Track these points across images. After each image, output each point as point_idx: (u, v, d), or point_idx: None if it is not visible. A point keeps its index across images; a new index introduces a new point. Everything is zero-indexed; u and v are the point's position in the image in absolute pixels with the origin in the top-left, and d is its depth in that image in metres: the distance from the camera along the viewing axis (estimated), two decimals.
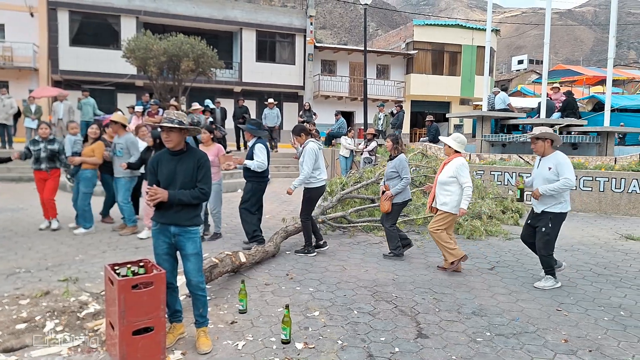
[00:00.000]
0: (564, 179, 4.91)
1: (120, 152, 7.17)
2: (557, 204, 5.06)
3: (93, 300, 4.42)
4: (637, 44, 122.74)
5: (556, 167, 5.00)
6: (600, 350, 3.65)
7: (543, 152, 5.17)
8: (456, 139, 5.68)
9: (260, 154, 6.40)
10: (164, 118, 3.50)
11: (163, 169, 3.54)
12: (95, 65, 20.94)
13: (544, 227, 5.11)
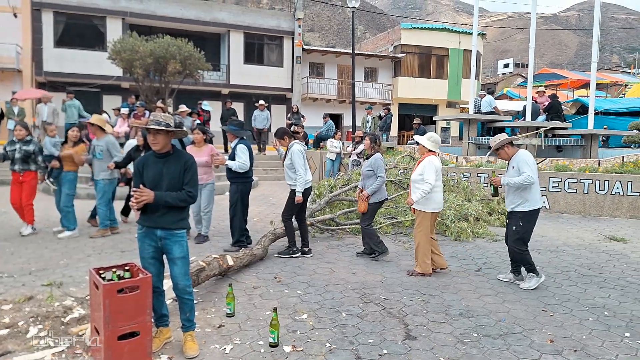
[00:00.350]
0: (524, 174, 5.06)
1: (100, 155, 7.14)
2: (524, 202, 5.18)
3: (78, 305, 4.37)
4: (620, 48, 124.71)
5: (517, 165, 5.17)
6: (585, 350, 3.69)
7: (508, 156, 5.33)
8: (430, 139, 5.73)
9: (242, 154, 6.43)
10: (151, 120, 3.47)
11: (149, 171, 3.51)
12: (80, 67, 20.73)
13: (515, 226, 5.26)
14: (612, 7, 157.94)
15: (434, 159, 5.60)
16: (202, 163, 6.85)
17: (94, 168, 7.28)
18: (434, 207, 5.62)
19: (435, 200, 5.59)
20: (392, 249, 6.85)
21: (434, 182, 5.47)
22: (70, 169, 7.28)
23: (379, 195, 6.24)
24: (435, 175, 5.49)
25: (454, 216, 7.85)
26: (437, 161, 5.63)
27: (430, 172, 5.47)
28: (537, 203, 5.22)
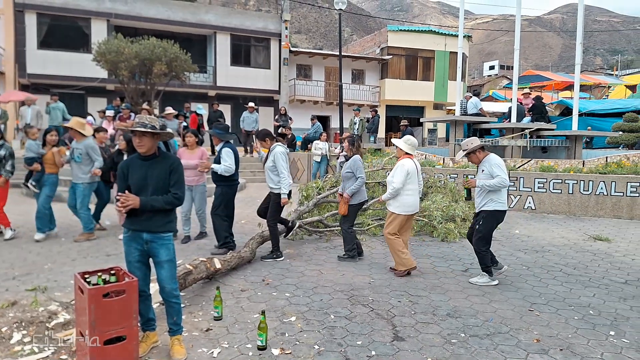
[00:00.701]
0: (499, 177, 5.17)
1: (79, 158, 7.08)
2: (490, 202, 5.32)
3: (63, 309, 4.31)
4: (603, 50, 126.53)
5: (489, 169, 5.28)
6: (571, 349, 3.73)
7: (478, 160, 5.46)
8: (407, 142, 5.79)
9: (227, 158, 6.44)
10: (136, 122, 3.43)
11: (134, 175, 3.47)
12: (64, 69, 20.48)
13: (478, 224, 5.41)
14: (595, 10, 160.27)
15: (406, 162, 5.64)
16: (192, 165, 6.89)
17: (73, 172, 7.22)
18: (405, 209, 5.64)
19: (405, 202, 5.62)
20: (380, 251, 6.88)
21: (399, 185, 5.52)
22: (52, 172, 7.27)
23: (359, 197, 6.27)
24: (404, 177, 5.53)
25: (441, 217, 7.89)
26: (410, 164, 5.65)
27: (398, 175, 5.54)
28: (503, 205, 5.36)
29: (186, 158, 6.99)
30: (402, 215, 5.65)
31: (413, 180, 5.65)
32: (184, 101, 20.87)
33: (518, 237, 7.98)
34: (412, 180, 5.62)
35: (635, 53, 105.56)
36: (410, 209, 5.67)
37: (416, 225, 8.10)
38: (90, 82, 20.52)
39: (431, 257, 6.60)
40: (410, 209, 5.67)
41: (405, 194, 5.59)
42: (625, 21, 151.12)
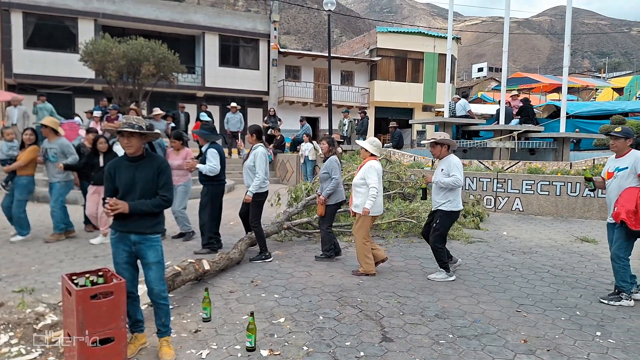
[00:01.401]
0: (454, 177, 5.39)
1: (54, 157, 7.03)
2: (447, 202, 5.51)
3: (50, 311, 4.27)
4: (591, 53, 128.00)
5: (447, 168, 5.48)
6: (558, 350, 3.76)
7: (439, 155, 5.64)
8: (372, 143, 5.87)
9: (212, 158, 6.57)
10: (124, 123, 3.41)
11: (121, 176, 3.45)
12: (51, 69, 20.29)
13: (435, 223, 5.60)
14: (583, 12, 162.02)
15: (374, 163, 5.73)
16: (176, 166, 7.05)
17: (48, 171, 7.15)
18: (375, 210, 5.73)
19: (377, 203, 5.72)
20: None
21: (378, 186, 5.61)
22: (24, 174, 7.08)
23: (336, 197, 6.34)
24: (378, 178, 5.65)
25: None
26: (377, 165, 5.76)
27: (373, 176, 5.62)
28: (459, 205, 5.58)
29: (171, 159, 7.20)
30: (371, 216, 5.76)
31: (380, 181, 5.79)
32: (173, 102, 20.78)
33: (506, 239, 8.04)
34: (380, 181, 5.76)
35: (623, 56, 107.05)
36: (379, 209, 5.82)
37: (405, 227, 8.13)
38: (78, 83, 20.34)
39: (420, 258, 6.62)
40: (379, 209, 5.82)
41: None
42: (612, 24, 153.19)
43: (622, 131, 4.95)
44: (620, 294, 4.92)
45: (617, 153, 5.02)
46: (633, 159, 4.81)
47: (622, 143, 4.94)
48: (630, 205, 4.68)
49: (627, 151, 4.94)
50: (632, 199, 4.70)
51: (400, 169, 10.30)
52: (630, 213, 4.68)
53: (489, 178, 10.86)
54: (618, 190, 4.86)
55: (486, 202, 10.81)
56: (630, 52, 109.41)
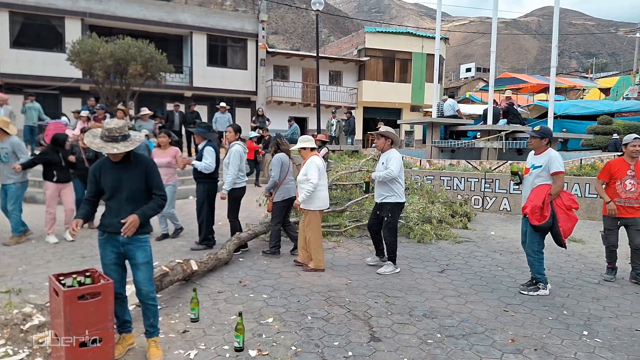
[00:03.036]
0: (388, 169, 5.65)
1: (5, 158, 6.91)
2: (392, 195, 5.75)
3: (37, 312, 4.22)
4: (578, 53, 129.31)
5: (387, 162, 5.72)
6: (545, 349, 3.80)
7: (382, 148, 5.86)
8: (303, 140, 6.08)
9: (208, 156, 6.67)
10: (106, 137, 3.32)
11: (107, 179, 3.42)
12: (38, 68, 20.07)
13: (386, 216, 5.80)
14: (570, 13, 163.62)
15: (315, 159, 5.86)
16: (163, 164, 7.09)
17: (2, 173, 7.00)
18: (319, 204, 5.85)
19: (320, 198, 5.84)
20: (357, 252, 6.91)
21: (317, 181, 5.71)
22: None
23: (282, 194, 6.45)
24: (318, 173, 5.74)
25: (417, 218, 7.97)
26: (318, 160, 5.88)
27: (313, 172, 5.73)
28: (402, 197, 5.85)
29: (158, 157, 7.22)
30: (318, 210, 5.88)
31: (323, 176, 5.89)
32: (160, 102, 20.63)
33: (494, 239, 8.10)
34: (322, 175, 5.86)
35: (610, 56, 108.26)
36: (323, 203, 5.91)
37: None
38: (65, 82, 20.14)
39: (407, 258, 6.65)
40: (323, 203, 5.91)
41: (318, 190, 5.80)
42: (599, 24, 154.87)
43: (539, 131, 5.15)
44: (537, 284, 5.18)
45: (535, 151, 5.21)
46: (547, 158, 5.01)
47: (538, 142, 5.13)
48: (538, 201, 4.90)
49: (543, 150, 5.13)
50: (541, 196, 4.92)
51: None
52: (536, 209, 4.90)
53: (477, 178, 10.93)
54: (531, 187, 5.10)
55: (474, 202, 10.89)
56: (617, 53, 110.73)
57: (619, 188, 5.57)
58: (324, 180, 5.89)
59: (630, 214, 5.54)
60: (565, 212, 4.92)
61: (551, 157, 5.00)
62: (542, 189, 4.97)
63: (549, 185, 4.96)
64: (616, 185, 5.60)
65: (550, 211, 4.88)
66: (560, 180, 4.94)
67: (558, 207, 4.91)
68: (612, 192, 5.63)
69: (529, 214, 4.95)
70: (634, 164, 5.57)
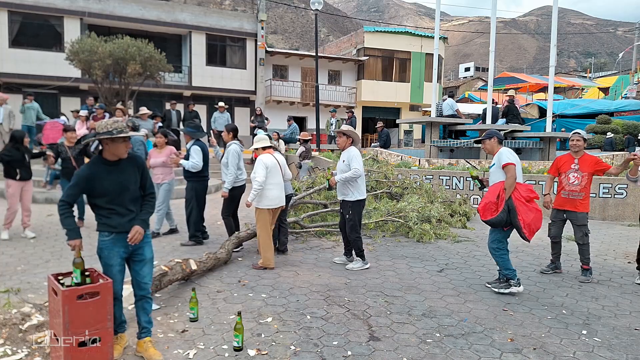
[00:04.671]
0: (353, 169, 5.71)
1: None
2: (352, 193, 5.85)
3: (36, 311, 4.22)
4: (577, 53, 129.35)
5: (348, 160, 5.80)
6: (544, 348, 3.80)
7: (344, 146, 5.96)
8: (257, 140, 6.18)
9: (195, 155, 6.84)
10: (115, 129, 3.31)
11: (105, 184, 3.34)
12: (37, 68, 20.03)
13: (347, 214, 5.91)
14: (569, 12, 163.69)
15: (263, 157, 5.91)
16: (160, 163, 7.34)
17: None
18: (267, 203, 5.86)
19: (268, 196, 5.85)
20: None
21: (262, 179, 5.74)
22: None
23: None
24: (265, 172, 5.77)
25: (416, 218, 7.96)
26: (268, 159, 5.90)
27: (259, 170, 5.78)
28: (363, 194, 5.95)
29: (155, 157, 7.42)
30: (266, 209, 5.88)
31: (273, 174, 5.89)
32: (159, 101, 20.60)
33: None
34: (273, 174, 5.87)
35: (608, 56, 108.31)
36: (272, 202, 5.90)
37: (392, 226, 8.15)
38: (64, 82, 20.12)
39: (407, 257, 6.65)
40: (272, 202, 5.90)
41: (267, 188, 5.83)
42: (598, 24, 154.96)
43: (485, 134, 5.35)
44: (508, 282, 5.17)
45: (490, 153, 5.35)
46: (498, 155, 5.17)
47: (490, 143, 5.30)
48: (492, 197, 5.01)
49: (497, 149, 5.26)
50: (496, 191, 5.03)
51: (388, 168, 10.33)
52: (490, 204, 4.99)
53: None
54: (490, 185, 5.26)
55: (473, 201, 10.88)
56: (616, 52, 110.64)
57: (564, 181, 5.84)
58: (274, 179, 5.89)
59: (573, 208, 5.77)
60: (524, 204, 4.92)
61: (500, 152, 5.15)
62: (496, 186, 5.08)
63: (503, 182, 5.04)
64: (562, 179, 5.87)
65: (504, 206, 4.92)
66: (510, 172, 4.96)
67: (517, 200, 4.92)
68: (559, 185, 5.92)
69: (480, 210, 5.05)
70: (579, 158, 5.78)
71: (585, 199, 5.73)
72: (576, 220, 5.80)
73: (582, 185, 5.69)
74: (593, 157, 5.78)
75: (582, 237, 5.79)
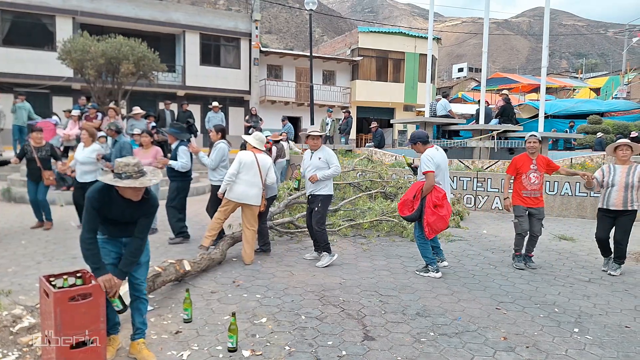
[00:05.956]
0: (335, 166, 6.10)
1: None
2: (324, 187, 6.13)
3: (28, 313, 4.18)
4: (569, 53, 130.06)
5: (325, 158, 6.11)
6: (537, 346, 3.82)
7: (316, 147, 6.19)
8: (255, 137, 6.30)
9: (184, 155, 6.96)
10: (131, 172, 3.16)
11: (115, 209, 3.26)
12: (28, 67, 19.90)
13: (316, 207, 6.13)
14: (561, 13, 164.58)
15: (242, 153, 6.09)
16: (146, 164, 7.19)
17: None
18: (232, 195, 6.02)
19: (234, 190, 6.00)
20: (351, 251, 6.91)
21: (232, 171, 5.95)
22: None
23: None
24: (237, 165, 5.94)
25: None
26: (245, 156, 6.04)
27: (233, 164, 5.99)
28: (332, 189, 6.29)
29: (140, 157, 7.34)
30: (231, 200, 6.04)
31: (246, 171, 6.01)
32: (153, 101, 20.51)
33: (486, 237, 8.13)
34: (245, 170, 5.99)
35: (599, 57, 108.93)
36: (237, 196, 6.01)
37: (386, 226, 8.17)
38: (56, 81, 20.02)
39: (401, 257, 6.66)
40: (237, 196, 6.01)
41: (236, 182, 5.98)
42: (589, 25, 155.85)
43: (410, 139, 5.72)
44: (427, 267, 5.73)
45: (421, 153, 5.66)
46: (421, 160, 5.55)
47: (417, 147, 5.66)
48: (410, 195, 5.48)
49: (423, 150, 5.63)
50: (414, 190, 5.49)
51: (382, 168, 10.34)
52: (407, 202, 5.49)
53: (469, 177, 10.97)
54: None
55: (466, 200, 10.92)
56: (607, 54, 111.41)
57: (525, 181, 6.19)
58: (246, 175, 6.00)
59: (535, 204, 6.20)
60: (430, 208, 5.41)
61: (422, 159, 5.52)
62: (416, 185, 5.54)
63: (423, 182, 5.50)
64: (522, 179, 6.21)
65: (419, 205, 5.46)
66: (428, 179, 5.43)
67: (427, 202, 5.44)
68: (520, 185, 6.23)
69: (399, 206, 5.53)
70: (535, 159, 6.19)
71: (542, 195, 6.28)
72: (539, 214, 6.24)
73: (540, 184, 6.21)
74: (545, 158, 6.27)
75: (540, 230, 6.29)
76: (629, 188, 5.75)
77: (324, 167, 6.10)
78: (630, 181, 5.73)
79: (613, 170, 5.88)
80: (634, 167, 5.79)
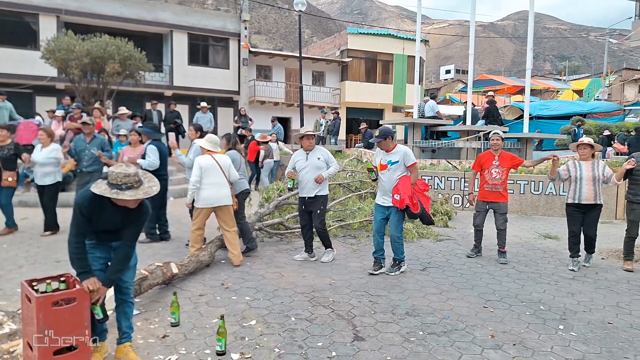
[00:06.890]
0: (335, 164, 6.29)
1: None
2: (324, 188, 6.23)
3: (8, 319, 4.09)
4: (552, 56, 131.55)
5: (325, 157, 6.23)
6: (523, 344, 3.85)
7: (310, 147, 6.24)
8: (208, 139, 6.22)
9: (151, 154, 7.05)
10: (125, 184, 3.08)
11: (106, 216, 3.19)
12: (10, 67, 19.51)
13: (318, 209, 6.20)
14: (545, 17, 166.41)
15: (200, 158, 6.00)
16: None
17: None
18: (201, 203, 5.96)
19: (201, 196, 5.94)
20: (341, 251, 6.89)
21: (194, 179, 5.87)
22: None
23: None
24: (199, 172, 5.88)
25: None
26: (204, 160, 5.96)
27: (194, 171, 5.92)
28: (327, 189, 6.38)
29: (127, 154, 7.52)
30: (202, 208, 5.97)
31: (209, 174, 5.94)
32: (139, 101, 20.32)
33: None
34: (207, 174, 5.92)
35: (582, 59, 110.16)
36: (207, 202, 5.96)
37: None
38: (39, 81, 19.69)
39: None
40: (207, 202, 5.96)
41: (201, 188, 5.92)
42: (572, 29, 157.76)
43: (380, 135, 5.71)
44: (400, 264, 5.86)
45: (386, 150, 5.75)
46: (402, 154, 5.64)
47: (385, 143, 5.71)
48: (409, 192, 5.50)
49: (393, 147, 5.74)
50: (409, 187, 5.53)
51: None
52: (411, 198, 5.52)
53: (457, 177, 11.02)
54: (391, 180, 5.62)
55: (454, 200, 10.97)
56: (589, 56, 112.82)
57: (487, 176, 6.55)
58: (209, 179, 5.93)
59: (496, 199, 6.52)
60: (423, 195, 5.71)
61: (405, 152, 5.65)
62: (406, 182, 5.56)
63: (409, 176, 5.61)
64: (485, 174, 6.58)
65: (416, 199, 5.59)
66: (416, 170, 5.74)
67: (418, 193, 5.64)
68: (483, 180, 6.61)
69: (410, 205, 5.45)
70: (498, 155, 6.55)
71: (505, 190, 6.54)
72: (499, 209, 6.53)
73: (502, 179, 6.49)
74: (509, 154, 6.61)
75: (503, 224, 6.55)
76: (597, 181, 6.06)
77: (324, 166, 6.20)
78: (597, 174, 6.05)
79: (579, 166, 6.20)
80: (596, 162, 6.19)
